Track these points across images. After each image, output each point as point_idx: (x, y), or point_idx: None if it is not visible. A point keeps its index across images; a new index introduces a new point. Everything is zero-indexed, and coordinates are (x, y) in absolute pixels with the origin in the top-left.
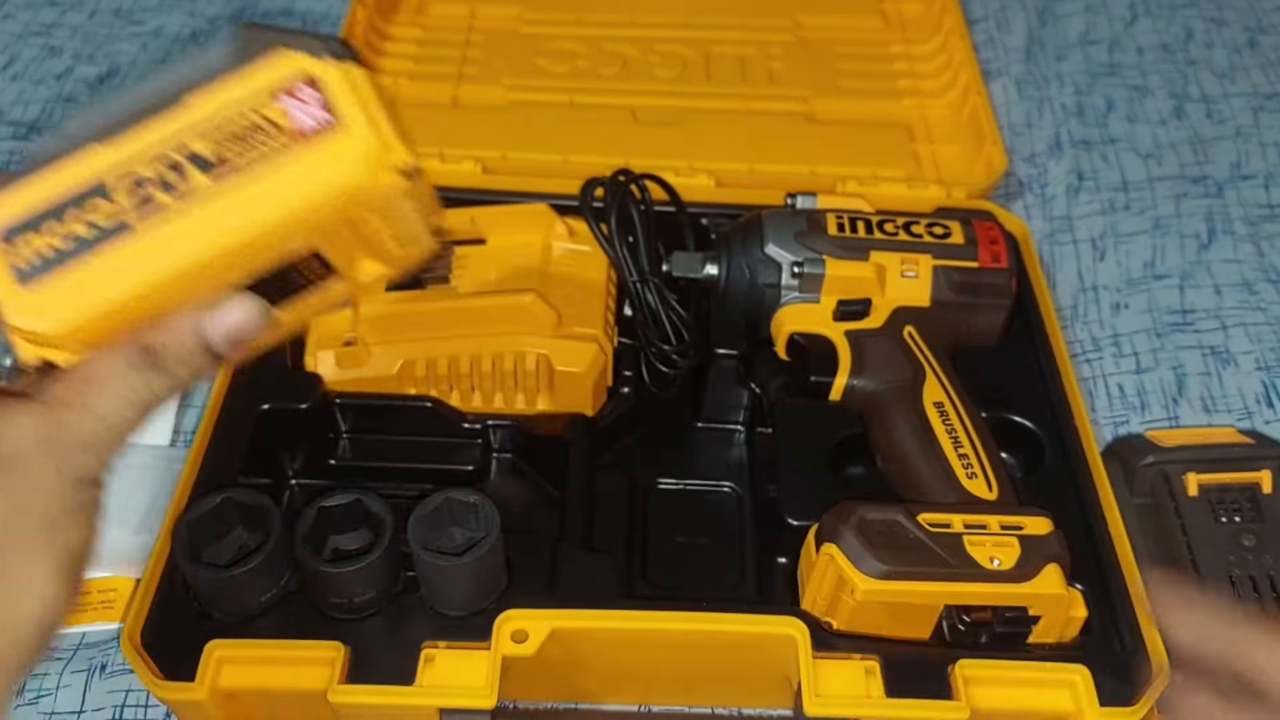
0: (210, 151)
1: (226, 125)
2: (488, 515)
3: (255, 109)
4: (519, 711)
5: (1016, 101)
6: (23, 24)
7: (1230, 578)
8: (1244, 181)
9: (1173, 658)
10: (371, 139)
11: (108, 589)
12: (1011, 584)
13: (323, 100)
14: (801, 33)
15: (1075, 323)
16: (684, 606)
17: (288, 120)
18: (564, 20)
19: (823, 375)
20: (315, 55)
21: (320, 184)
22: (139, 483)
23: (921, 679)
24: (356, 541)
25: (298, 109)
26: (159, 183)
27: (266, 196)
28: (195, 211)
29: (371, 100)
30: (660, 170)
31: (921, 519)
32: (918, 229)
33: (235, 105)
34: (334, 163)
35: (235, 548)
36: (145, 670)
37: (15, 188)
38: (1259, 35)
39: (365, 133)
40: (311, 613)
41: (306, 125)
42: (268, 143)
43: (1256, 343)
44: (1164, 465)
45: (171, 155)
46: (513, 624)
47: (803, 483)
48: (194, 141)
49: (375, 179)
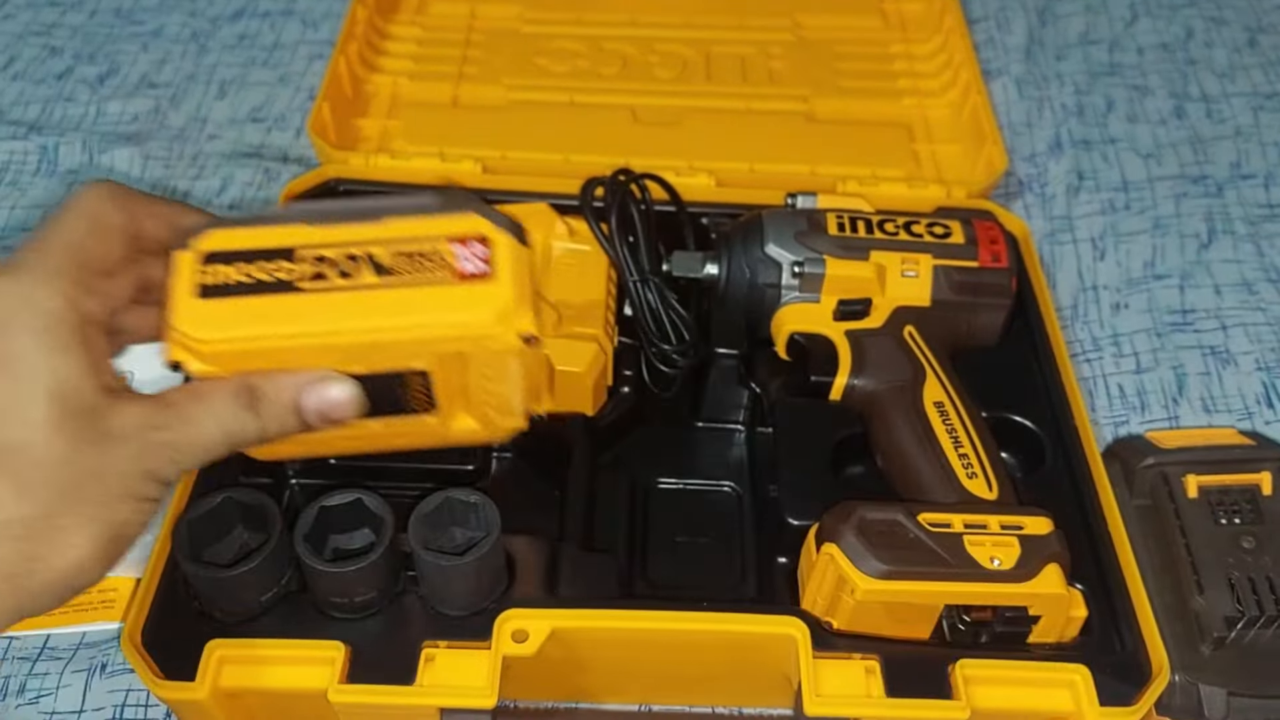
0: (386, 260)
1: (406, 247)
2: (488, 515)
3: (433, 243)
4: (519, 711)
5: (1016, 101)
6: (23, 24)
7: (1230, 580)
8: (1244, 181)
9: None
10: (510, 298)
11: (108, 589)
12: (1012, 584)
13: (486, 256)
14: (801, 32)
15: (1075, 322)
16: (684, 606)
17: (454, 260)
18: (564, 20)
19: (823, 375)
20: (495, 224)
21: (457, 315)
22: None
23: (922, 679)
24: (357, 541)
25: (465, 255)
26: (337, 267)
27: (413, 308)
28: (355, 297)
29: (523, 273)
30: (660, 170)
31: (922, 519)
32: (918, 229)
33: (420, 236)
34: (474, 304)
35: (236, 547)
36: (146, 670)
37: (227, 228)
38: (1259, 35)
39: (507, 291)
40: (312, 612)
41: (466, 269)
42: (432, 270)
43: (1257, 343)
44: (1164, 467)
45: (356, 251)
46: (513, 624)
47: (803, 482)
48: (377, 249)
49: (501, 331)
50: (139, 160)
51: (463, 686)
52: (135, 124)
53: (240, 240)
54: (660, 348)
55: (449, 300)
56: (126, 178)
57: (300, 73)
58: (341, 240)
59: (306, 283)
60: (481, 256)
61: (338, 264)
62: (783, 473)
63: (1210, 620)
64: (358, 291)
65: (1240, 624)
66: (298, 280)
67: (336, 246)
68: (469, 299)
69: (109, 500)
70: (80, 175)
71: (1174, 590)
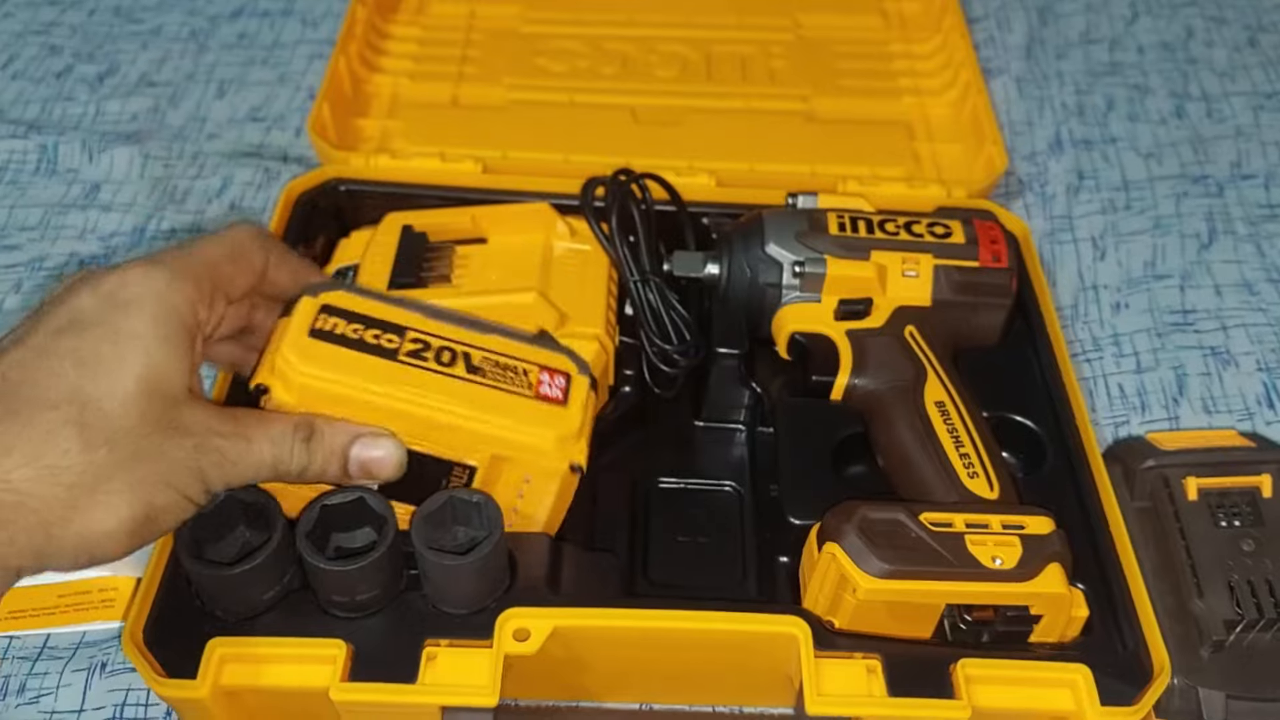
0: (480, 362)
1: (501, 358)
2: (491, 514)
3: (524, 365)
4: (521, 709)
5: (1017, 100)
6: (23, 23)
7: (1229, 583)
8: (1244, 181)
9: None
10: (572, 428)
11: (108, 588)
12: (1013, 583)
13: (564, 389)
14: (801, 32)
15: (1076, 322)
16: (685, 605)
17: (536, 382)
18: (564, 19)
19: (824, 375)
20: (579, 368)
21: (525, 425)
22: None
23: (923, 678)
24: (359, 540)
25: (547, 381)
26: (436, 355)
27: (487, 406)
28: (442, 380)
29: (588, 413)
30: (660, 170)
31: (923, 518)
32: (918, 228)
33: (516, 355)
34: (541, 422)
35: (238, 546)
36: (147, 668)
37: (353, 293)
38: (1259, 34)
39: (572, 422)
40: (314, 611)
41: (544, 391)
42: (515, 383)
43: (1257, 344)
44: (1164, 469)
45: (456, 349)
46: (515, 622)
47: (804, 482)
48: (475, 353)
49: (553, 453)
50: (138, 159)
51: (464, 685)
52: (135, 123)
53: (360, 305)
54: (661, 347)
55: (522, 410)
56: (126, 177)
57: (300, 72)
58: (449, 336)
59: (403, 355)
60: (560, 388)
61: (437, 353)
62: (784, 472)
63: (1209, 623)
64: (446, 377)
65: (1239, 627)
66: (399, 353)
67: (442, 339)
68: (540, 415)
69: (156, 482)
70: (80, 174)
71: (1173, 593)
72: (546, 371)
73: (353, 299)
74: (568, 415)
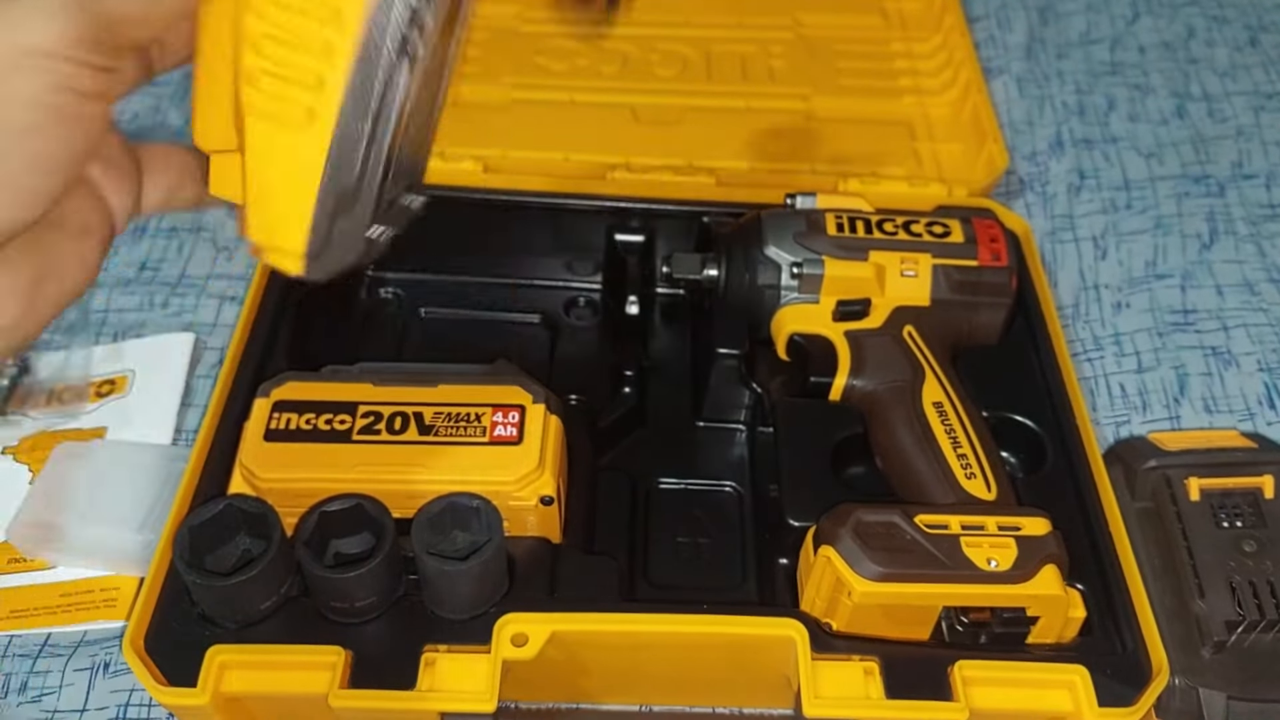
0: (431, 419)
1: (451, 409)
2: (490, 518)
3: (476, 409)
4: (520, 712)
5: (1017, 100)
6: None
7: (1230, 584)
8: (1245, 181)
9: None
10: (531, 465)
11: (109, 587)
12: (1009, 585)
13: (519, 424)
14: (802, 31)
15: (1076, 322)
16: (684, 608)
17: (490, 425)
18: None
19: (822, 376)
20: (534, 397)
21: (480, 473)
22: (141, 482)
23: (921, 680)
24: (358, 546)
25: (501, 422)
26: (388, 424)
27: (443, 466)
28: (396, 452)
29: (551, 441)
30: (660, 169)
31: (919, 520)
32: (917, 228)
33: (466, 401)
34: (498, 466)
35: (237, 554)
36: (147, 676)
37: (304, 382)
38: (1260, 34)
39: (530, 459)
40: (313, 617)
41: (498, 434)
42: (468, 431)
43: (1258, 344)
44: (1166, 469)
45: (407, 411)
46: (513, 627)
47: (804, 483)
48: (426, 410)
49: (520, 491)
50: None
51: (463, 691)
52: (135, 122)
53: (309, 392)
54: None
55: (479, 459)
56: None
57: None
58: (397, 399)
59: (359, 435)
60: (515, 425)
61: (388, 420)
62: (784, 473)
63: (1211, 624)
64: (401, 445)
65: (1241, 628)
66: (349, 432)
67: (392, 404)
68: (496, 460)
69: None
70: None
71: (1175, 593)
72: (500, 411)
73: (302, 387)
74: (525, 453)
